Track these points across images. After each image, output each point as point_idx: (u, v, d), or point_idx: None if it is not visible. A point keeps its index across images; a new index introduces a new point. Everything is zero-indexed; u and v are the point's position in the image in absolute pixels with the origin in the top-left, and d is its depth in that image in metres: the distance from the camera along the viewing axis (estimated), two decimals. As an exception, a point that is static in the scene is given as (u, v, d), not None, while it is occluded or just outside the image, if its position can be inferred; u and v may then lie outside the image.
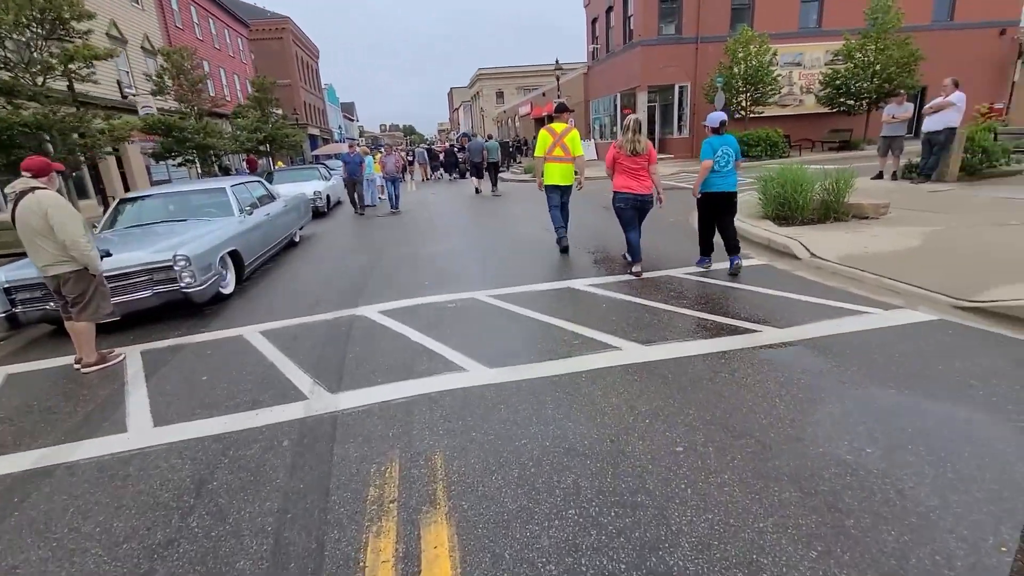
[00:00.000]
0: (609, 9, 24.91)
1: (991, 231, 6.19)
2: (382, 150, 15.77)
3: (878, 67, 19.07)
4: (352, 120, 78.75)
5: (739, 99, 19.94)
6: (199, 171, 23.77)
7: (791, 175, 7.63)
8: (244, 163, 29.06)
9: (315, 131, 50.37)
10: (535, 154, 7.08)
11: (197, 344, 4.74)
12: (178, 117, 17.06)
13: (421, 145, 43.94)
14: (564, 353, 3.87)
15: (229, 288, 6.29)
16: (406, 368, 3.81)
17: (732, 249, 5.57)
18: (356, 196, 13.35)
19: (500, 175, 23.38)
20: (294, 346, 4.46)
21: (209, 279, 5.64)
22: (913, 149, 11.23)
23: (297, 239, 9.87)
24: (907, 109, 10.88)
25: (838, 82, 20.14)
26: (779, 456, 2.51)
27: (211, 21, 29.39)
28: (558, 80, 23.63)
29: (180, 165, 17.86)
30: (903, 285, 4.72)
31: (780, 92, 20.47)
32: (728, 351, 3.70)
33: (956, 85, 9.97)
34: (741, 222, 7.69)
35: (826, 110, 21.68)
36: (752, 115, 20.33)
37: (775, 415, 2.86)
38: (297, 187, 13.70)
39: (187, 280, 5.37)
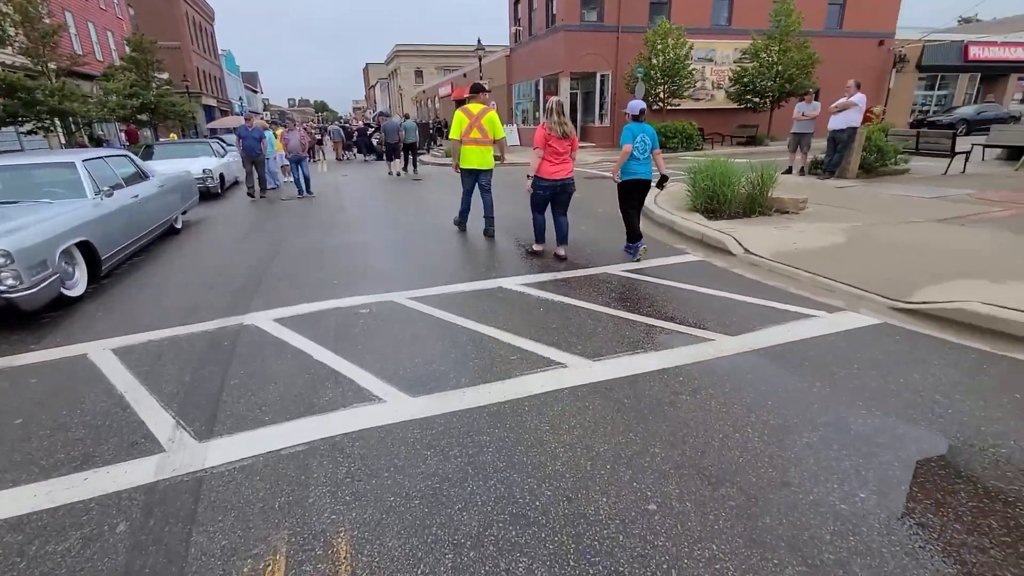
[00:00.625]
0: (531, -10, 24.29)
1: (901, 229, 6.40)
2: (284, 125, 13.93)
3: (780, 67, 20.14)
4: (256, 92, 72.13)
5: (657, 91, 20.25)
6: (62, 141, 20.26)
7: (720, 169, 7.53)
8: (123, 134, 25.36)
9: (211, 101, 45.43)
10: (450, 136, 6.80)
11: (17, 369, 3.58)
12: (23, 75, 14.12)
13: (335, 122, 41.04)
14: (502, 373, 3.26)
15: (77, 290, 5.00)
16: (305, 400, 3.02)
17: (636, 236, 5.76)
18: (257, 177, 11.58)
19: (420, 158, 22.30)
20: (156, 370, 3.47)
21: (43, 279, 4.37)
22: (818, 146, 11.79)
23: (179, 225, 8.40)
24: (815, 108, 11.35)
25: (745, 79, 21.07)
26: (768, 511, 2.08)
27: (74, -35, 25.02)
28: (480, 61, 22.72)
29: (31, 133, 14.88)
30: (839, 284, 4.61)
31: (695, 86, 21.05)
32: (684, 366, 3.28)
33: (858, 86, 10.50)
34: (671, 214, 7.51)
35: (735, 106, 22.70)
36: (669, 107, 20.75)
37: (751, 451, 2.45)
38: (182, 164, 11.88)
39: (9, 282, 4.10)
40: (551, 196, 5.70)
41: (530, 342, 3.68)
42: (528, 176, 5.67)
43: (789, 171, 11.80)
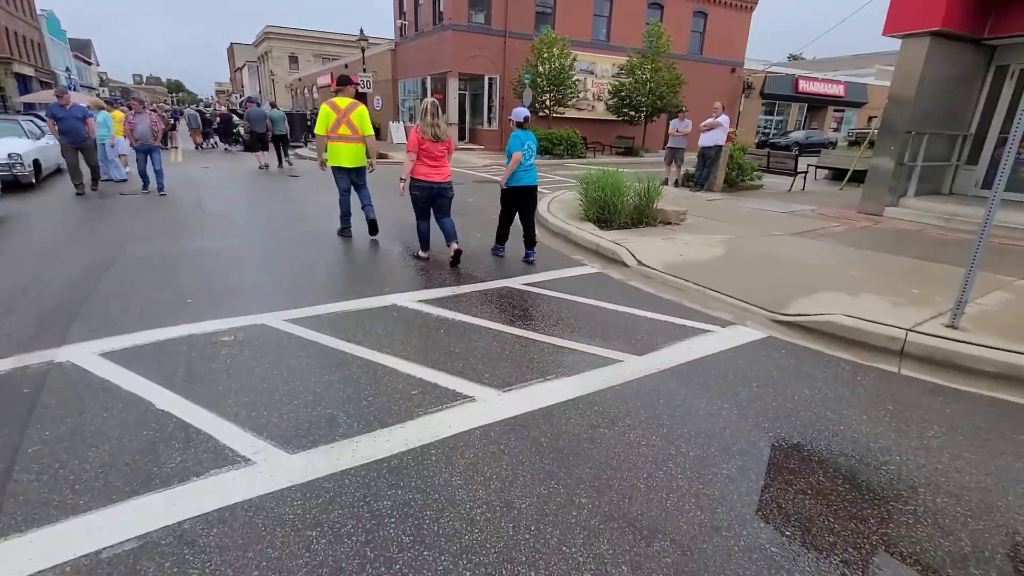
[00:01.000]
0: (417, -15, 23.53)
1: (767, 241, 7.02)
2: (128, 107, 11.60)
3: (652, 85, 21.73)
4: (89, 63, 61.40)
5: (544, 98, 20.71)
6: None
7: (610, 180, 7.69)
8: None
9: (27, 70, 37.75)
10: (316, 131, 6.35)
11: None
12: None
13: (191, 106, 36.27)
14: (402, 413, 2.82)
15: None
16: (141, 470, 2.31)
17: (531, 243, 5.89)
18: (88, 165, 9.54)
19: (296, 151, 20.53)
20: (-93, 438, 2.47)
21: None
22: (689, 159, 12.79)
23: (-31, 225, 6.58)
24: (687, 125, 12.26)
25: (623, 94, 22.41)
26: (706, 565, 1.92)
27: None
28: (363, 52, 21.44)
29: None
30: (725, 297, 4.84)
31: (578, 96, 21.89)
32: (598, 393, 3.11)
33: (723, 108, 11.53)
34: (567, 224, 7.51)
35: (613, 118, 24.05)
36: (555, 115, 21.34)
37: (677, 491, 2.31)
38: (-23, 146, 9.49)
39: None
40: (430, 200, 5.52)
41: (433, 371, 3.27)
42: (401, 179, 5.49)
43: (666, 183, 12.62)
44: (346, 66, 32.20)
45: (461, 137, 23.22)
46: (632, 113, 22.82)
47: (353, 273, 5.34)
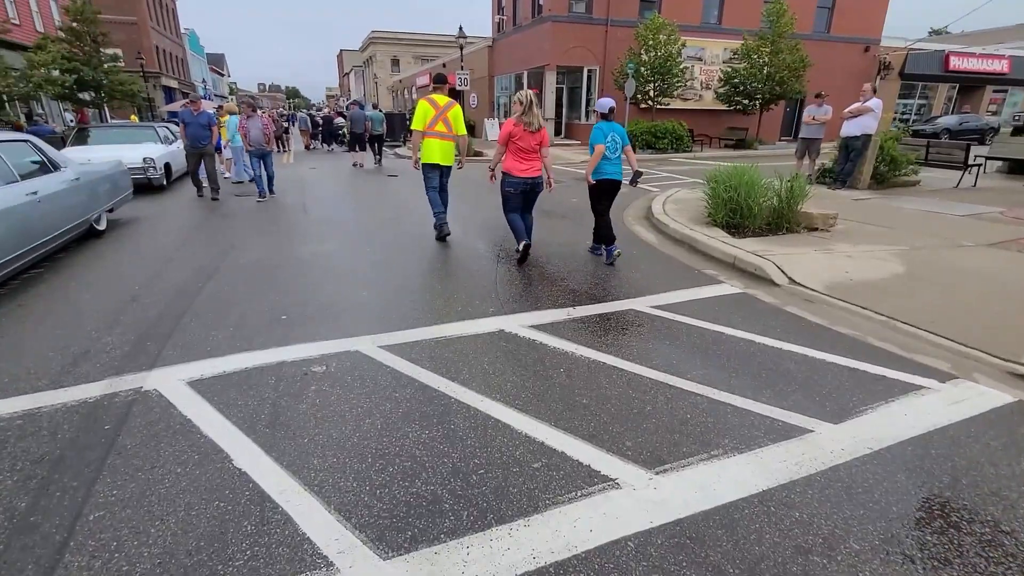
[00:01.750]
0: (516, -22, 23.01)
1: (957, 255, 5.51)
2: (240, 110, 12.08)
3: (771, 69, 19.45)
4: (222, 74, 68.44)
5: (647, 88, 19.30)
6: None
7: (745, 178, 6.53)
8: (74, 114, 22.97)
9: (172, 83, 42.55)
10: (413, 127, 6.09)
11: None
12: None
13: (303, 110, 38.85)
14: (524, 499, 2.12)
15: (-81, 325, 3.61)
16: (203, 563, 1.81)
17: (610, 239, 5.47)
18: (205, 172, 9.43)
19: (396, 150, 20.96)
20: (-22, 483, 2.19)
21: None
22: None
23: (101, 226, 6.91)
24: (826, 111, 10.53)
25: (736, 80, 20.34)
26: None
27: (11, -76, 22.42)
28: (462, 50, 21.31)
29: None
30: (927, 334, 3.64)
31: (685, 84, 20.18)
32: (790, 485, 2.20)
33: (875, 91, 9.69)
34: (690, 230, 6.47)
35: (723, 107, 21.97)
36: (659, 106, 19.85)
37: None
38: (119, 151, 10.27)
39: None
40: (522, 196, 5.29)
41: (556, 432, 2.54)
42: (491, 168, 5.46)
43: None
44: (444, 65, 32.63)
45: (557, 132, 22.42)
46: (745, 102, 20.66)
47: (453, 286, 4.76)
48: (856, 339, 3.66)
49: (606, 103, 5.24)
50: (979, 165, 10.53)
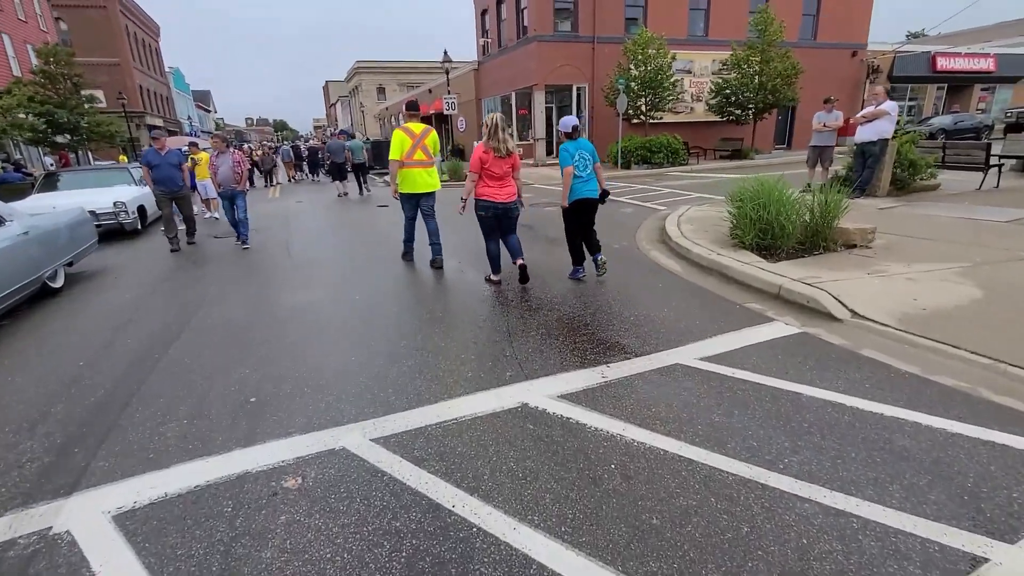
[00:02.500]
0: (500, 1, 22.77)
1: (1031, 270, 4.82)
2: (206, 146, 11.26)
3: (763, 78, 19.12)
4: (208, 111, 68.25)
5: (638, 103, 18.88)
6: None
7: (775, 195, 5.87)
8: (56, 158, 22.27)
9: (157, 121, 42.06)
10: (391, 157, 5.97)
11: None
12: None
13: (287, 142, 38.49)
14: None
15: None
16: None
17: (595, 248, 5.40)
18: (183, 218, 8.59)
19: (386, 178, 20.38)
20: None
21: None
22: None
23: (57, 283, 6.14)
24: (837, 117, 9.99)
25: (727, 91, 19.99)
26: None
27: (-15, -30, 22.09)
28: (447, 75, 20.92)
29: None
30: (1054, 383, 2.91)
31: (677, 97, 19.79)
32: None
33: (887, 93, 9.17)
34: (718, 255, 5.77)
35: (715, 118, 21.62)
36: (651, 121, 19.42)
37: None
38: (89, 195, 9.57)
39: None
40: (496, 220, 5.15)
41: (627, 584, 1.77)
42: (462, 199, 5.22)
43: (808, 188, 10.36)
44: (430, 91, 32.38)
45: (548, 152, 21.93)
46: (738, 112, 20.30)
47: (459, 340, 4.01)
48: (968, 394, 2.92)
49: (568, 122, 5.10)
50: (1000, 165, 9.99)
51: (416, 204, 6.17)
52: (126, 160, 26.75)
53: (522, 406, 2.98)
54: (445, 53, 20.35)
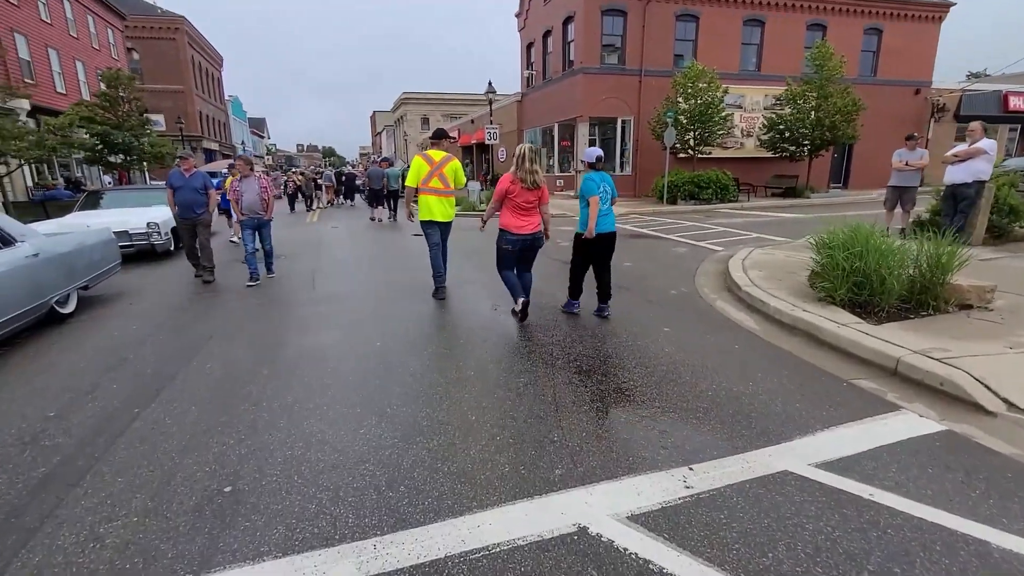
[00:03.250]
0: (547, 34, 22.70)
1: None
2: (231, 169, 10.78)
3: (820, 114, 18.06)
4: (262, 137, 71.51)
5: (687, 137, 18.10)
6: (28, 184, 17.99)
7: (873, 243, 4.91)
8: (114, 176, 23.24)
9: (213, 145, 44.03)
10: (407, 183, 5.93)
11: None
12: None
13: (328, 168, 39.54)
14: None
15: None
16: None
17: (606, 296, 5.16)
18: (198, 246, 7.37)
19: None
20: None
21: None
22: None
23: (67, 309, 5.72)
24: (921, 156, 8.95)
25: (781, 126, 19.00)
26: None
27: (65, 3, 23.56)
28: (490, 104, 20.78)
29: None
30: None
31: (728, 131, 18.92)
32: None
33: (984, 130, 8.10)
34: (801, 310, 4.83)
35: (766, 155, 20.60)
36: (699, 155, 18.57)
37: None
38: (124, 215, 9.43)
39: None
40: (519, 253, 5.00)
41: None
42: (482, 220, 5.10)
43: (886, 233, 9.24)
44: (472, 121, 32.59)
45: (590, 185, 21.30)
46: (792, 148, 19.22)
47: (494, 417, 3.21)
48: None
49: (593, 152, 4.95)
50: (1116, 213, 8.64)
51: (439, 232, 5.95)
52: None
53: (579, 531, 2.14)
54: (490, 84, 20.24)
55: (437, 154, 5.82)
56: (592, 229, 4.81)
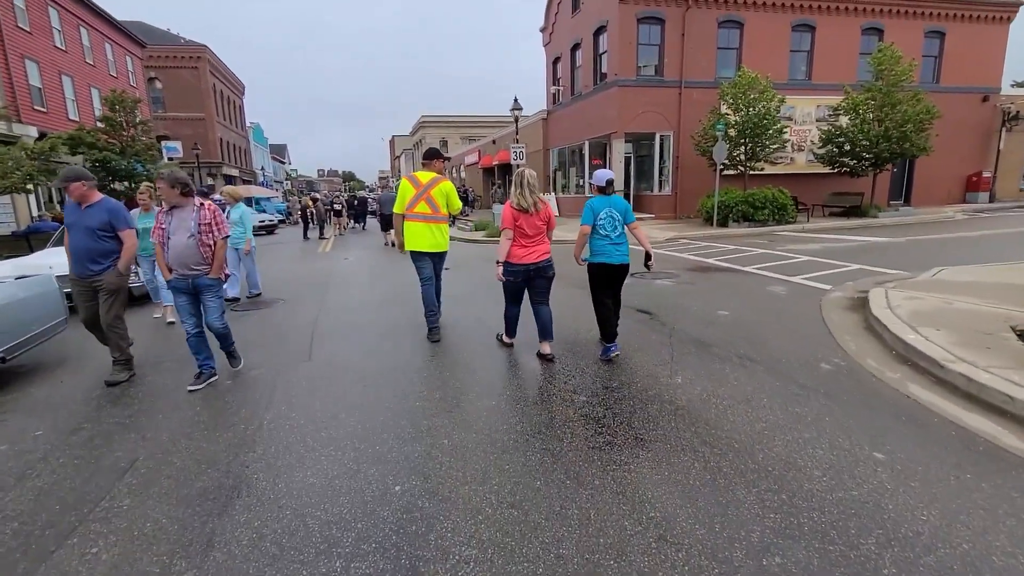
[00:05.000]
0: (575, 47, 21.21)
1: None
2: (156, 193, 5.40)
3: (888, 124, 16.01)
4: (283, 162, 71.63)
5: (736, 152, 16.21)
6: (34, 213, 16.88)
7: None
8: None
9: (233, 171, 43.55)
10: (394, 210, 5.38)
11: None
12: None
13: (341, 192, 38.67)
14: None
15: None
16: None
17: (611, 334, 4.53)
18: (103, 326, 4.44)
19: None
20: None
21: None
22: None
23: (-42, 399, 3.98)
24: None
25: (840, 139, 16.97)
26: None
27: (83, 30, 22.96)
28: (516, 122, 19.17)
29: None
30: None
31: (784, 145, 16.95)
32: None
33: None
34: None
35: (821, 170, 18.57)
36: (752, 172, 16.63)
37: None
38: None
39: None
40: (524, 283, 4.50)
41: None
42: (497, 263, 4.38)
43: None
44: (493, 142, 31.23)
45: (625, 206, 19.48)
46: (853, 162, 17.15)
47: (509, 542, 1.31)
48: None
49: (603, 176, 4.48)
50: None
51: (431, 263, 5.33)
52: (198, 208, 26.75)
53: None
54: (516, 100, 18.67)
55: (425, 175, 5.25)
56: (577, 255, 4.58)
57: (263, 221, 22.26)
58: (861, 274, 7.98)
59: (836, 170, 17.78)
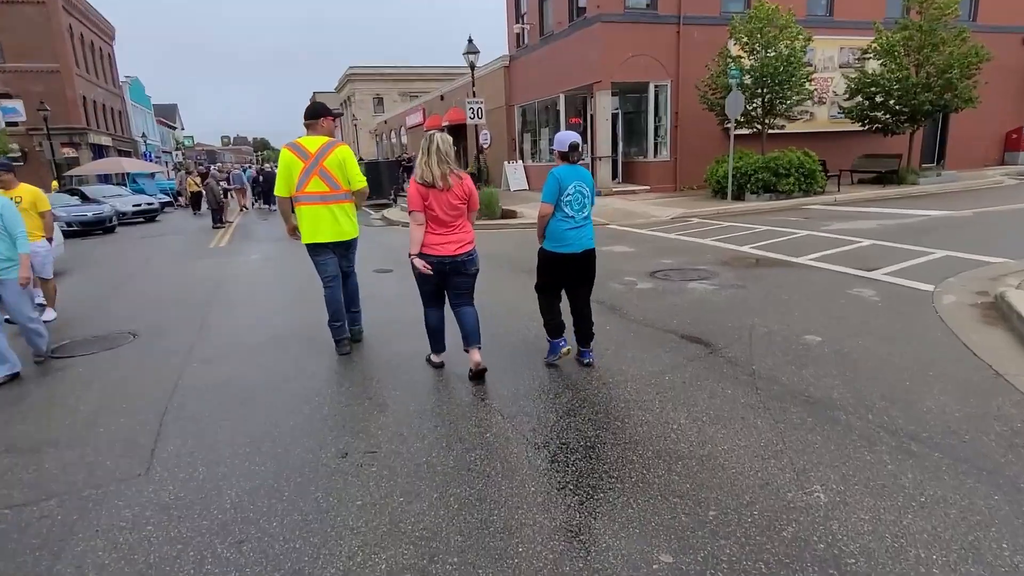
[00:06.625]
0: (544, -27, 19.65)
1: None
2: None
3: (932, 68, 15.34)
4: (172, 128, 66.57)
5: (752, 106, 15.17)
6: None
7: None
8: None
9: (104, 139, 39.65)
10: (276, 192, 4.93)
11: None
12: None
13: (238, 165, 35.66)
14: None
15: None
16: None
17: (586, 338, 4.40)
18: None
19: (384, 212, 17.20)
20: None
21: None
22: None
23: None
24: None
25: (873, 89, 16.22)
26: None
27: None
28: (472, 69, 17.41)
29: None
30: None
31: (809, 96, 16.02)
32: None
33: None
34: None
35: (848, 127, 17.89)
36: (771, 131, 15.66)
37: None
38: None
39: None
40: (439, 279, 4.14)
41: None
42: (410, 255, 4.12)
43: None
44: (441, 98, 29.34)
45: (613, 176, 18.24)
46: (888, 118, 16.47)
47: None
48: None
49: (566, 138, 4.12)
50: None
51: (334, 258, 4.94)
52: (57, 187, 23.68)
53: None
54: (470, 41, 16.96)
55: (313, 142, 4.70)
56: (541, 236, 4.30)
57: (139, 205, 19.80)
58: (953, 263, 6.98)
59: (867, 127, 17.09)
